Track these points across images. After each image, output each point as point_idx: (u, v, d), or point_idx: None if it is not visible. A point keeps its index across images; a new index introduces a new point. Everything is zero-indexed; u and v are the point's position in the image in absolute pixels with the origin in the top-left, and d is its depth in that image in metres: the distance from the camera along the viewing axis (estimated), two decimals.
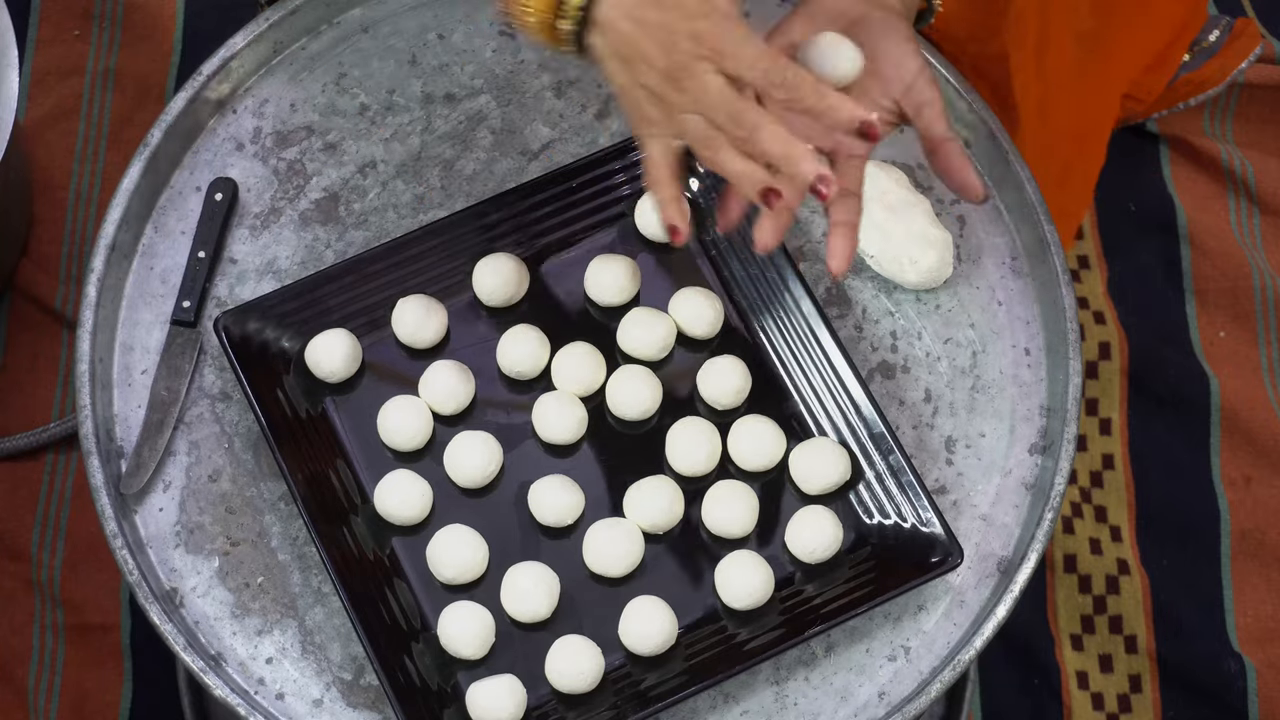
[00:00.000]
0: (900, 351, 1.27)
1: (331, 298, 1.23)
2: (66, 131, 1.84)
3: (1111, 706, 1.68)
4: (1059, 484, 1.22)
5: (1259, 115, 1.90)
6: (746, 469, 1.22)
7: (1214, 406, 1.77)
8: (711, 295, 1.25)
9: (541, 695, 1.16)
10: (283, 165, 1.31)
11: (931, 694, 1.17)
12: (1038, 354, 1.27)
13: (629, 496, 1.20)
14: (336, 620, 1.19)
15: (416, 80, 1.33)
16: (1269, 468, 1.75)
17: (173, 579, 1.20)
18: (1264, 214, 1.86)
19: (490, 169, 1.31)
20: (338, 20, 1.35)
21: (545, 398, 1.22)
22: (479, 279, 1.24)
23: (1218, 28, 1.81)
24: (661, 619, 1.16)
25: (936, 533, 1.18)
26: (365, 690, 1.18)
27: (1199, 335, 1.81)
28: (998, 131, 1.30)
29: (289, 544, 1.21)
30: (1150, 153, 1.88)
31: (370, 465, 1.21)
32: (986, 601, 1.21)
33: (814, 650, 1.20)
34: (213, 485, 1.23)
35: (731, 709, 1.18)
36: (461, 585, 1.18)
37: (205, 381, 1.25)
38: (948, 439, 1.25)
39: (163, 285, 1.28)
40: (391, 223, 1.29)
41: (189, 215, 1.29)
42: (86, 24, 1.88)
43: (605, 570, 1.18)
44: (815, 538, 1.18)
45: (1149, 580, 1.71)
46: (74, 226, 1.80)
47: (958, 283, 1.29)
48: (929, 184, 1.32)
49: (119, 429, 1.24)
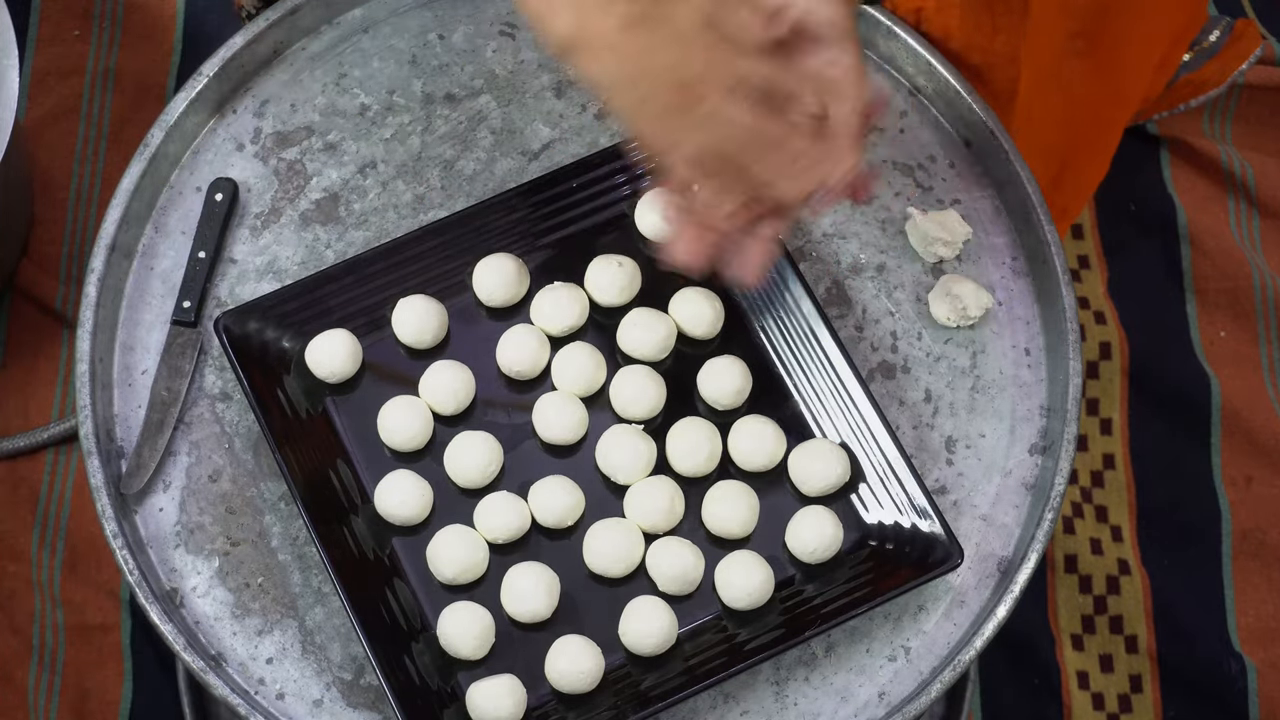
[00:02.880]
0: (900, 351, 1.27)
1: (332, 298, 1.23)
2: (66, 131, 1.84)
3: (1112, 706, 1.68)
4: (1059, 484, 1.22)
5: (1259, 117, 1.90)
6: (747, 469, 1.22)
7: (1214, 406, 1.77)
8: (711, 295, 1.25)
9: (541, 695, 1.16)
10: (283, 165, 1.31)
11: (932, 694, 1.17)
12: (1038, 354, 1.27)
13: (629, 496, 1.20)
14: (336, 620, 1.19)
15: (417, 80, 1.33)
16: (1270, 468, 1.75)
17: (173, 579, 1.20)
18: (1263, 216, 1.86)
19: (490, 169, 1.31)
20: (338, 20, 1.35)
21: (545, 398, 1.22)
22: (479, 279, 1.24)
23: (1218, 28, 1.81)
24: (661, 619, 1.16)
25: (936, 533, 1.18)
26: (365, 690, 1.18)
27: (1199, 335, 1.81)
28: (998, 131, 1.30)
29: (289, 544, 1.21)
30: (1150, 154, 1.88)
31: (370, 465, 1.21)
32: (987, 602, 1.21)
33: (814, 650, 1.20)
34: (213, 485, 1.23)
35: (731, 709, 1.18)
36: (461, 585, 1.18)
37: (205, 381, 1.25)
38: (948, 439, 1.25)
39: (163, 285, 1.28)
40: (392, 223, 1.29)
41: (189, 215, 1.29)
42: (86, 24, 1.88)
43: (605, 570, 1.18)
44: (815, 538, 1.18)
45: (1149, 580, 1.72)
46: (74, 226, 1.80)
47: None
48: (929, 184, 1.32)
49: (119, 429, 1.24)
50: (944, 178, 1.32)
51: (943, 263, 1.29)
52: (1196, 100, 1.83)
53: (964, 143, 1.33)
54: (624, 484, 1.21)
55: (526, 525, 1.19)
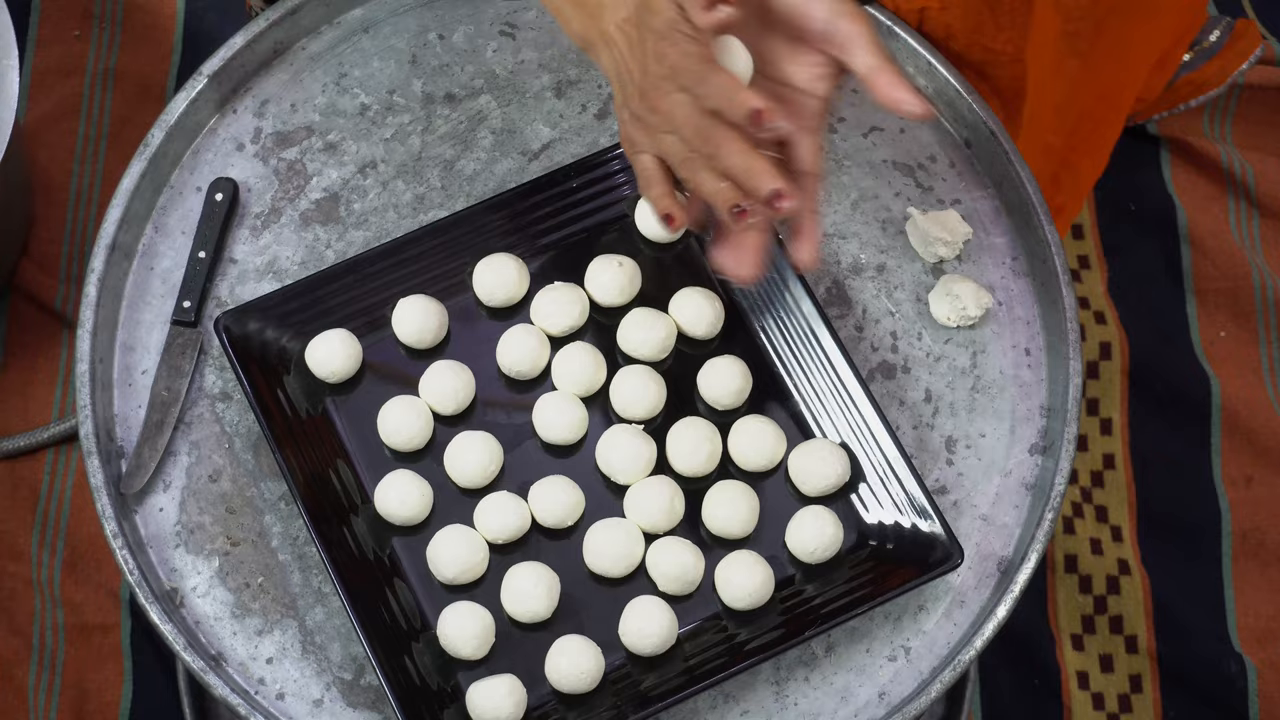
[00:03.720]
0: (900, 351, 1.27)
1: (332, 298, 1.23)
2: (66, 131, 1.84)
3: (1112, 707, 1.68)
4: (1059, 484, 1.22)
5: (1259, 117, 1.90)
6: (747, 469, 1.22)
7: (1214, 406, 1.77)
8: (711, 295, 1.25)
9: (541, 695, 1.16)
10: (283, 165, 1.31)
11: (932, 694, 1.17)
12: (1038, 354, 1.27)
13: (629, 496, 1.20)
14: (336, 620, 1.19)
15: (417, 80, 1.33)
16: (1269, 467, 1.75)
17: (173, 579, 1.20)
18: (1263, 216, 1.86)
19: (490, 169, 1.31)
20: (338, 20, 1.35)
21: (545, 398, 1.22)
22: (479, 279, 1.24)
23: (1218, 28, 1.81)
24: (661, 619, 1.16)
25: (936, 533, 1.18)
26: (365, 690, 1.18)
27: (1199, 335, 1.81)
28: (998, 131, 1.30)
29: (289, 544, 1.21)
30: (1150, 154, 1.88)
31: (370, 465, 1.21)
32: (987, 602, 1.21)
33: (814, 650, 1.20)
34: (213, 485, 1.23)
35: (731, 709, 1.18)
36: (461, 585, 1.18)
37: (205, 381, 1.25)
38: (948, 439, 1.25)
39: (163, 285, 1.28)
40: (392, 223, 1.29)
41: (189, 215, 1.29)
42: (86, 24, 1.88)
43: (605, 570, 1.18)
44: (815, 538, 1.18)
45: (1149, 580, 1.71)
46: (74, 226, 1.80)
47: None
48: (929, 184, 1.32)
49: (119, 429, 1.24)
50: (944, 178, 1.32)
51: (943, 263, 1.29)
52: (1196, 100, 1.83)
53: (964, 143, 1.33)
54: (624, 484, 1.20)
55: (526, 525, 1.19)
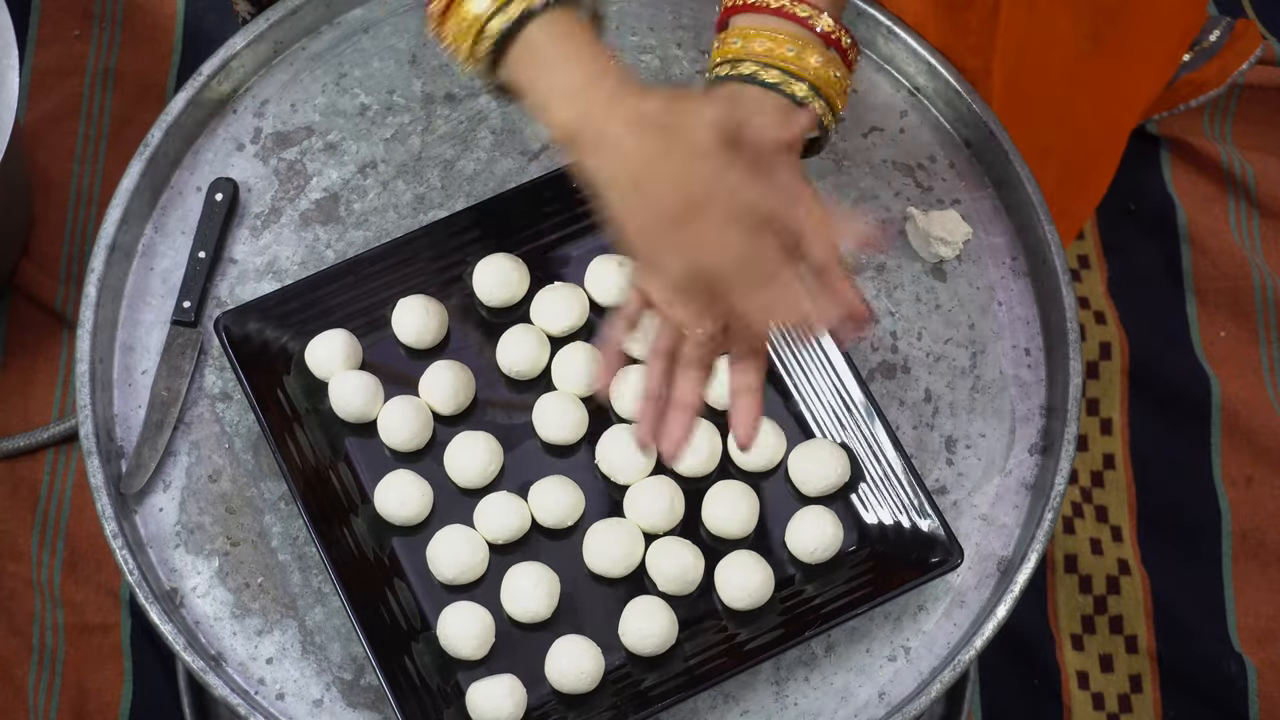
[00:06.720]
0: (900, 351, 1.27)
1: (331, 298, 1.23)
2: (66, 131, 1.84)
3: (1112, 706, 1.68)
4: (1059, 484, 1.22)
5: (1259, 117, 1.90)
6: (746, 469, 1.22)
7: (1214, 406, 1.77)
8: None
9: (541, 695, 1.16)
10: (283, 165, 1.31)
11: (931, 694, 1.17)
12: (1038, 354, 1.27)
13: (629, 496, 1.20)
14: (336, 620, 1.19)
15: (417, 80, 1.33)
16: (1270, 467, 1.75)
17: (173, 579, 1.20)
18: (1263, 216, 1.86)
19: (490, 169, 1.31)
20: (338, 20, 1.35)
21: (545, 398, 1.22)
22: (479, 279, 1.24)
23: (1218, 28, 1.81)
24: (661, 619, 1.16)
25: (936, 533, 1.18)
26: (365, 690, 1.18)
27: (1199, 335, 1.81)
28: (998, 131, 1.30)
29: (289, 544, 1.21)
30: (1150, 154, 1.88)
31: (370, 465, 1.21)
32: (987, 601, 1.21)
33: (814, 650, 1.20)
34: (213, 485, 1.23)
35: (731, 709, 1.18)
36: (461, 585, 1.18)
37: (205, 381, 1.25)
38: (948, 439, 1.25)
39: (163, 285, 1.28)
40: (392, 223, 1.29)
41: (189, 215, 1.29)
42: (86, 24, 1.88)
43: (605, 570, 1.18)
44: (815, 538, 1.18)
45: (1149, 580, 1.71)
46: (74, 226, 1.80)
47: (958, 281, 1.29)
48: (929, 184, 1.32)
49: (119, 429, 1.24)
50: (944, 178, 1.32)
51: (943, 263, 1.29)
52: (1196, 100, 1.83)
53: (964, 143, 1.33)
54: (624, 484, 1.20)
55: (526, 525, 1.19)
